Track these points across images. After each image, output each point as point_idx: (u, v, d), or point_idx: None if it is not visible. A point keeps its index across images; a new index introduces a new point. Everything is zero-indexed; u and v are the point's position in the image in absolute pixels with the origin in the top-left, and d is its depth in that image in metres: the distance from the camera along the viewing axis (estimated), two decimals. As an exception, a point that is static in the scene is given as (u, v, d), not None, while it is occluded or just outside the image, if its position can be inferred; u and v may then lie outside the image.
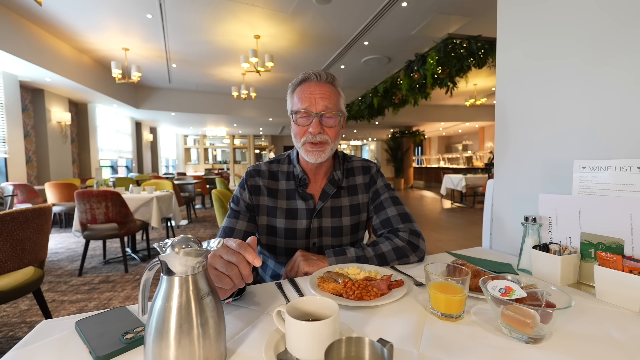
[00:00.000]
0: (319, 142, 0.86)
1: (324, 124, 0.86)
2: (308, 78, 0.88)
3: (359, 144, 18.47)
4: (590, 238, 0.70)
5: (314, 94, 0.85)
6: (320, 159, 0.87)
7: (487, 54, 4.21)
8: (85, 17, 4.35)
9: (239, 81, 7.38)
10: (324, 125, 0.86)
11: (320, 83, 0.87)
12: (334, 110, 0.86)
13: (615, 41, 0.75)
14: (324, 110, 0.85)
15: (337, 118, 0.88)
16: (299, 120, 0.87)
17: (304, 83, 0.88)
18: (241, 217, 0.90)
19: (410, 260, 0.85)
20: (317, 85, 0.86)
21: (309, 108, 0.85)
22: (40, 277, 1.61)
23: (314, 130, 0.84)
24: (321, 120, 0.86)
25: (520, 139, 0.98)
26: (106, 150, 7.71)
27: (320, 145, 0.86)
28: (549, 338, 0.49)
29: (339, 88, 0.91)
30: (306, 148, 0.88)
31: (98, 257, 3.34)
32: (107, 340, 0.48)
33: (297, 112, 0.86)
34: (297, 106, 0.87)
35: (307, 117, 0.86)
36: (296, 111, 0.87)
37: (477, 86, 7.95)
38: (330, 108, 0.85)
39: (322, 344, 0.37)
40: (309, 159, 0.88)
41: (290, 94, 0.91)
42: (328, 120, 0.87)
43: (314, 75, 0.87)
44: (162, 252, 0.42)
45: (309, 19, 4.51)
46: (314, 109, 0.84)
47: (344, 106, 0.92)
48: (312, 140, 0.86)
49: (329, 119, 0.87)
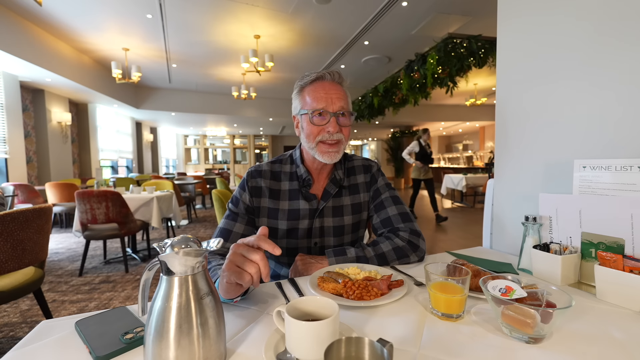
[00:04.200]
0: (336, 141, 0.86)
1: (340, 123, 0.86)
2: (322, 77, 0.87)
3: (359, 144, 18.45)
4: (590, 238, 0.70)
5: (330, 94, 0.85)
6: (335, 158, 0.88)
7: (487, 53, 4.21)
8: (86, 17, 4.35)
9: (239, 81, 7.38)
10: (340, 125, 0.86)
11: (334, 83, 0.87)
12: (347, 109, 0.87)
13: (617, 40, 0.74)
14: (340, 109, 0.85)
15: (350, 118, 0.89)
16: (315, 120, 0.86)
17: (318, 82, 0.87)
18: (239, 220, 0.89)
19: (411, 260, 0.85)
20: (332, 85, 0.86)
21: (326, 107, 0.84)
22: (40, 277, 1.61)
23: (333, 129, 0.84)
24: (337, 120, 0.86)
25: (521, 139, 0.97)
26: (106, 150, 7.72)
27: (336, 145, 0.87)
28: (549, 338, 0.49)
29: (347, 89, 0.91)
30: (321, 148, 0.87)
31: (98, 257, 3.34)
32: (107, 341, 0.48)
33: (313, 112, 0.85)
34: (311, 105, 0.86)
35: (323, 116, 0.85)
36: (311, 110, 0.85)
37: (478, 86, 7.94)
38: (345, 108, 0.86)
39: (322, 344, 0.37)
40: (324, 160, 0.87)
41: (298, 93, 0.90)
42: (344, 120, 0.87)
43: (329, 75, 0.87)
44: (161, 252, 0.42)
45: (309, 18, 4.51)
46: (331, 108, 0.84)
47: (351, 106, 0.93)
48: (328, 140, 0.85)
49: (344, 118, 0.87)
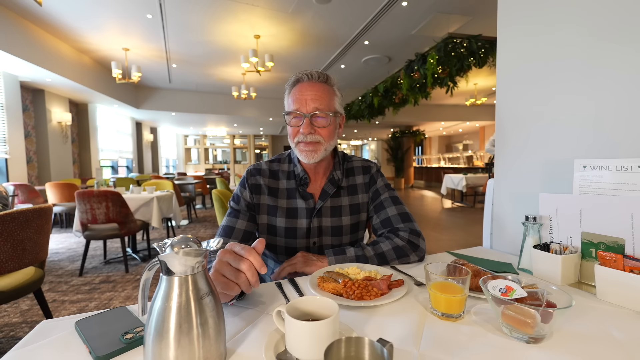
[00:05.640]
0: (311, 142, 0.86)
1: (315, 124, 0.86)
2: (300, 79, 0.88)
3: (359, 144, 18.46)
4: (591, 237, 0.70)
5: (305, 95, 0.85)
6: (313, 159, 0.88)
7: (487, 53, 4.21)
8: (86, 17, 4.36)
9: (239, 81, 7.38)
10: (315, 126, 0.86)
11: (312, 83, 0.87)
12: (325, 110, 0.86)
13: (617, 38, 0.74)
14: (314, 111, 0.85)
15: (329, 118, 0.87)
16: (291, 121, 0.88)
17: (297, 84, 0.88)
18: (241, 216, 0.90)
19: (411, 260, 0.85)
20: (309, 86, 0.86)
21: (299, 109, 0.85)
22: (40, 277, 1.61)
23: (305, 131, 0.85)
24: (312, 120, 0.86)
25: (521, 138, 0.97)
26: (106, 150, 7.72)
27: (312, 145, 0.87)
28: (549, 338, 0.49)
29: (335, 87, 0.90)
30: (299, 148, 0.88)
31: (99, 257, 3.34)
32: (107, 340, 0.48)
33: (290, 113, 0.87)
34: (290, 107, 0.88)
35: (298, 117, 0.86)
36: (288, 112, 0.88)
37: (478, 86, 7.94)
38: (322, 108, 0.85)
39: (322, 343, 0.37)
40: (302, 159, 0.89)
41: (286, 95, 0.92)
42: (319, 121, 0.87)
43: (306, 76, 0.87)
44: (161, 252, 0.42)
45: (309, 18, 4.51)
46: (304, 109, 0.85)
47: (340, 105, 0.91)
48: (304, 140, 0.86)
49: (320, 119, 0.87)
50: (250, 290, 0.54)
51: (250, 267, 0.52)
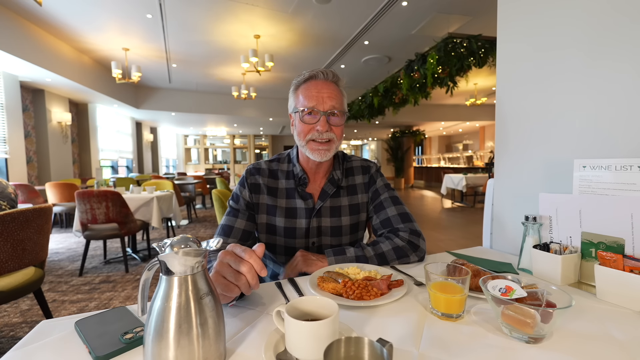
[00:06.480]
0: (327, 140, 0.86)
1: (330, 122, 0.86)
2: (315, 76, 0.87)
3: (359, 144, 18.46)
4: (590, 237, 0.70)
5: (322, 93, 0.85)
6: (326, 157, 0.87)
7: (487, 53, 4.21)
8: (86, 17, 4.35)
9: (239, 81, 7.38)
10: (331, 124, 0.86)
11: (327, 82, 0.87)
12: (340, 109, 0.87)
13: (617, 38, 0.74)
14: (331, 109, 0.85)
15: (343, 117, 0.88)
16: (306, 118, 0.86)
17: (311, 81, 0.87)
18: (240, 216, 0.90)
19: (411, 260, 0.85)
20: (325, 84, 0.86)
21: (316, 106, 0.84)
22: (40, 277, 1.61)
23: (322, 128, 0.84)
24: (328, 119, 0.86)
25: (521, 138, 0.97)
26: (106, 150, 7.72)
27: (326, 144, 0.87)
28: (549, 338, 0.49)
29: (342, 88, 0.91)
30: (311, 146, 0.87)
31: (99, 257, 3.34)
32: (107, 340, 0.48)
33: (304, 110, 0.86)
34: (303, 104, 0.86)
35: (314, 115, 0.85)
36: (302, 109, 0.86)
37: (478, 85, 7.94)
38: (337, 107, 0.86)
39: (322, 343, 0.37)
40: (314, 157, 0.88)
41: (293, 91, 0.91)
42: (335, 119, 0.87)
43: (322, 74, 0.87)
44: (161, 252, 0.42)
45: (309, 18, 4.51)
46: (321, 107, 0.84)
47: (346, 106, 0.92)
48: (318, 138, 0.86)
49: (335, 117, 0.87)
50: (250, 292, 0.54)
51: (250, 269, 0.52)
